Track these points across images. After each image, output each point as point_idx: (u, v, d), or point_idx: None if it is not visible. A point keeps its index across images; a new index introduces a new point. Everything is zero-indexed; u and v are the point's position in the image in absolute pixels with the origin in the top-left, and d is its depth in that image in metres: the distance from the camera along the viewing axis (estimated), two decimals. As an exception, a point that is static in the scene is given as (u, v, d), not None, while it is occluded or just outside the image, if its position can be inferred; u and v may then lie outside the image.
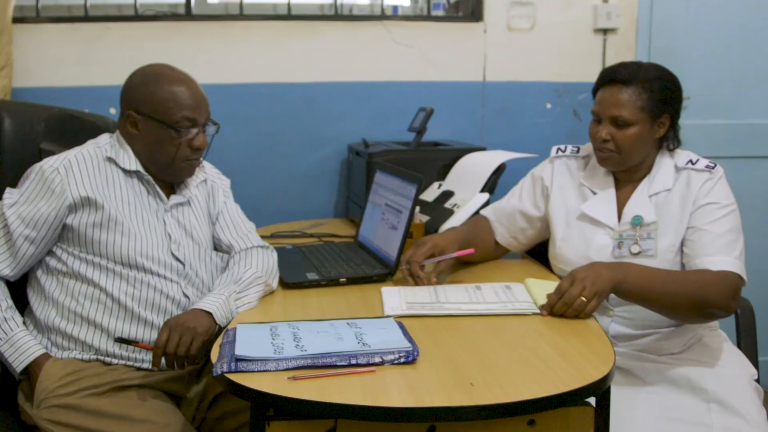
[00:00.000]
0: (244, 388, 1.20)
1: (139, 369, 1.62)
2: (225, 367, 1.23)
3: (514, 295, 1.69)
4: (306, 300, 1.69)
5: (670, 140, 1.80)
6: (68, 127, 1.87)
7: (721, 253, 1.66)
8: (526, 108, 2.81)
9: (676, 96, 1.76)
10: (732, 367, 1.74)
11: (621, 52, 2.82)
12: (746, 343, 1.90)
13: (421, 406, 1.16)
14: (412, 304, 1.59)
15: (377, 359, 1.26)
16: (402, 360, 1.27)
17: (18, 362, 1.58)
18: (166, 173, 1.73)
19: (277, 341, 1.32)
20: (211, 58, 2.59)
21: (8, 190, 1.66)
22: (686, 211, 1.73)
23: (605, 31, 2.80)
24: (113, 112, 2.57)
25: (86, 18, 2.56)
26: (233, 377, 1.22)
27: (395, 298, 1.65)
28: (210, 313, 1.56)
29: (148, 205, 1.71)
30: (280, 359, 1.25)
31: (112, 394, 1.55)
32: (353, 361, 1.26)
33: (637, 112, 1.72)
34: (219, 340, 1.40)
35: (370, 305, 1.64)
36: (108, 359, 1.61)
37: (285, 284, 1.79)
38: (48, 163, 1.64)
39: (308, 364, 1.25)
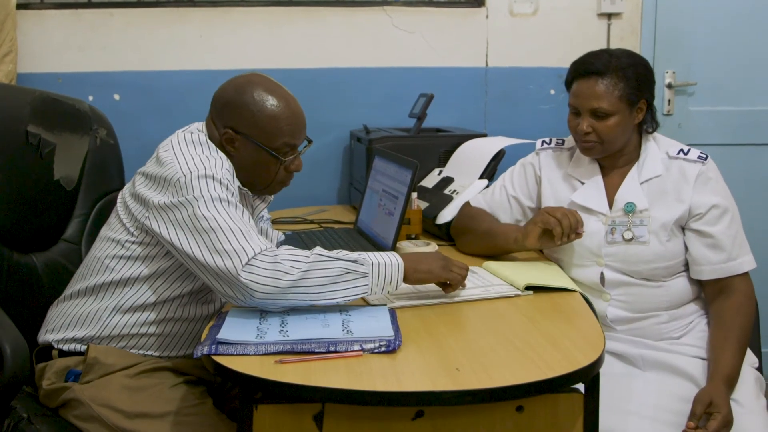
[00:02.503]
0: (229, 370, 1.20)
1: (169, 357, 1.65)
2: (205, 350, 1.24)
3: (484, 278, 1.69)
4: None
5: (648, 123, 1.81)
6: (51, 109, 1.87)
7: (741, 254, 1.74)
8: (529, 94, 2.80)
9: (650, 80, 1.77)
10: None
11: (626, 37, 2.79)
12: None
13: (405, 390, 1.16)
14: (397, 295, 1.57)
15: (356, 347, 1.26)
16: (383, 349, 1.26)
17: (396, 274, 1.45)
18: (259, 191, 1.70)
19: (263, 326, 1.33)
20: (213, 44, 2.60)
21: (190, 194, 1.46)
22: (684, 200, 1.74)
23: (609, 16, 2.78)
24: (117, 98, 2.60)
25: (89, 4, 2.58)
26: (219, 359, 1.22)
27: None
28: None
29: None
30: (259, 344, 1.25)
31: (149, 374, 1.58)
32: (332, 348, 1.25)
33: (616, 101, 1.72)
34: (212, 322, 1.41)
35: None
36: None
37: (281, 270, 1.79)
38: (220, 172, 1.49)
39: (287, 349, 1.25)
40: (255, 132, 1.60)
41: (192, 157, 1.53)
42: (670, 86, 2.84)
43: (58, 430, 1.53)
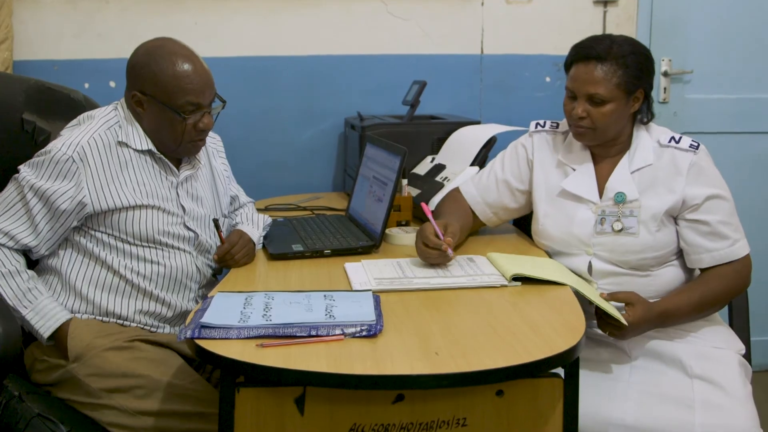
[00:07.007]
0: (211, 354, 1.22)
1: (153, 332, 1.69)
2: (188, 333, 1.25)
3: (479, 267, 1.69)
4: (288, 271, 1.71)
5: (644, 113, 1.79)
6: (45, 97, 1.90)
7: (740, 238, 1.75)
8: (524, 82, 2.79)
9: (650, 70, 1.76)
10: (718, 341, 1.75)
11: (622, 24, 2.78)
12: (738, 322, 1.89)
13: (383, 373, 1.17)
14: (380, 279, 1.59)
15: (338, 331, 1.27)
16: (363, 333, 1.28)
17: (45, 328, 1.60)
18: (173, 152, 1.75)
19: (247, 310, 1.34)
20: (209, 31, 2.60)
21: (23, 167, 1.64)
22: (676, 190, 1.72)
23: (605, 3, 2.76)
24: (113, 85, 2.60)
25: (85, -9, 2.58)
26: (201, 343, 1.24)
27: (361, 273, 1.64)
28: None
29: (161, 182, 1.73)
30: (242, 328, 1.27)
31: (135, 344, 1.62)
32: (313, 332, 1.27)
33: (613, 88, 1.70)
34: (197, 306, 1.42)
35: (352, 277, 1.65)
36: (126, 323, 1.68)
37: (270, 255, 1.81)
38: (60, 150, 1.61)
39: (269, 333, 1.26)
40: (158, 91, 1.66)
41: (62, 135, 1.69)
42: (666, 74, 2.83)
43: (49, 407, 1.55)
